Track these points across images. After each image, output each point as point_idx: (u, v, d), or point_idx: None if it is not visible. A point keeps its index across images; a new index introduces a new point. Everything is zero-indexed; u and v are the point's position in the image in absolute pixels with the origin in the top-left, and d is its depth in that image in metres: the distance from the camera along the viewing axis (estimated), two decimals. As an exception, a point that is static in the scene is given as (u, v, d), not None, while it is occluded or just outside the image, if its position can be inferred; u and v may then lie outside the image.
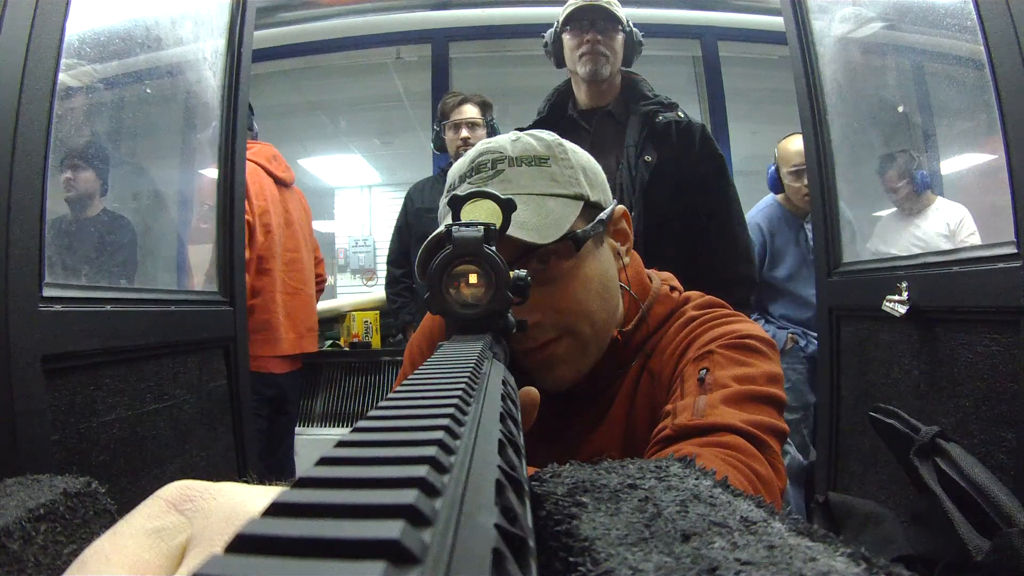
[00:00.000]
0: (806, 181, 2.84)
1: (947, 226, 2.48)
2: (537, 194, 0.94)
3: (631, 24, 2.24)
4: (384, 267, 3.49)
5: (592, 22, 2.18)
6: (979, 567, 1.24)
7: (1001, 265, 1.50)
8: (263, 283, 2.96)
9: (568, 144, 1.03)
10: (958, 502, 1.35)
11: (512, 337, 0.91)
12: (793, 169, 3.08)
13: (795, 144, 3.04)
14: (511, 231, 0.82)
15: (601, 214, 1.00)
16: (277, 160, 3.09)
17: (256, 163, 2.90)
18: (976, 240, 2.34)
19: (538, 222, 0.91)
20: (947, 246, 2.38)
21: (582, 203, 0.97)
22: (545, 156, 0.99)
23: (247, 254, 2.77)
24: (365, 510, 0.15)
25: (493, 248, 0.58)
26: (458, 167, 1.01)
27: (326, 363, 4.31)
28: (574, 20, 2.22)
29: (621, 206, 1.08)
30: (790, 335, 3.12)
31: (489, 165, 0.97)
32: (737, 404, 0.85)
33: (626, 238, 1.10)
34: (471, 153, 1.01)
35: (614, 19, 2.18)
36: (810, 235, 3.01)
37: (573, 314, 0.96)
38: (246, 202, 2.81)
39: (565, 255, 0.96)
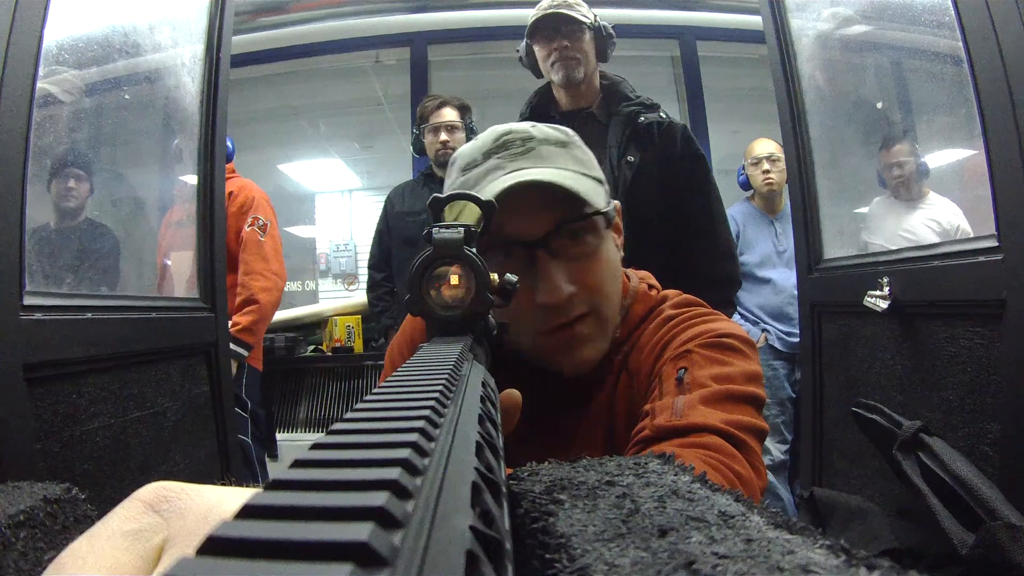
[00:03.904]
0: (764, 167, 3.42)
1: (939, 224, 2.47)
2: (570, 170, 0.95)
3: (598, 20, 2.25)
4: (365, 271, 3.48)
5: (556, 29, 2.20)
6: (964, 560, 1.24)
7: (982, 258, 1.51)
8: None
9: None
10: (942, 496, 1.36)
11: (537, 317, 0.92)
12: (753, 160, 3.50)
13: (757, 143, 3.55)
14: (567, 184, 0.89)
15: (612, 203, 1.02)
16: None
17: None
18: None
19: (584, 190, 0.93)
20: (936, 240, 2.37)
21: (603, 186, 0.99)
22: (566, 141, 1.01)
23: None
24: (336, 512, 0.15)
25: (474, 250, 0.57)
26: (478, 145, 1.01)
27: (308, 368, 4.30)
28: (539, 31, 2.24)
29: (616, 201, 1.09)
30: (763, 333, 3.22)
31: (518, 143, 0.98)
32: (716, 404, 0.84)
33: (620, 233, 1.11)
34: (490, 134, 1.01)
35: (576, 22, 2.19)
36: (779, 231, 3.38)
37: (600, 292, 0.98)
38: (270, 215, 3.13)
39: (594, 232, 0.97)
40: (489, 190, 0.90)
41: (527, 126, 1.01)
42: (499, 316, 0.98)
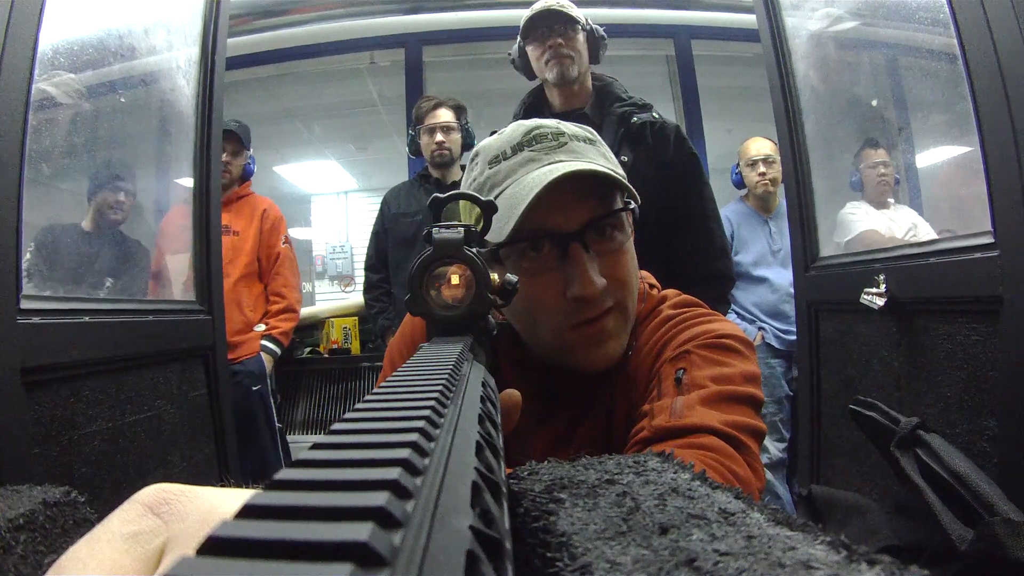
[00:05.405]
0: (760, 169, 3.39)
1: (913, 225, 2.49)
2: (602, 166, 0.95)
3: (590, 22, 2.26)
4: (362, 273, 3.48)
5: (550, 27, 2.21)
6: (963, 556, 1.24)
7: (978, 255, 1.51)
8: None
9: None
10: (940, 492, 1.36)
11: (565, 311, 0.94)
12: (749, 161, 3.46)
13: (752, 143, 3.50)
14: (618, 177, 0.91)
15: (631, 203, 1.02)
16: None
17: None
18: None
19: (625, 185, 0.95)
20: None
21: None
22: (593, 139, 1.01)
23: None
24: (336, 512, 0.15)
25: (474, 250, 0.57)
26: (504, 139, 1.00)
27: (306, 370, 4.30)
28: (533, 29, 2.25)
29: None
30: (759, 331, 3.24)
31: (550, 136, 0.97)
32: (714, 405, 0.84)
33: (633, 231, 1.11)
34: (517, 127, 1.01)
35: (571, 20, 2.19)
36: (773, 230, 3.38)
37: (626, 287, 0.97)
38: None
39: (621, 228, 0.98)
40: (531, 180, 0.90)
41: (555, 122, 1.01)
42: (524, 311, 0.99)
